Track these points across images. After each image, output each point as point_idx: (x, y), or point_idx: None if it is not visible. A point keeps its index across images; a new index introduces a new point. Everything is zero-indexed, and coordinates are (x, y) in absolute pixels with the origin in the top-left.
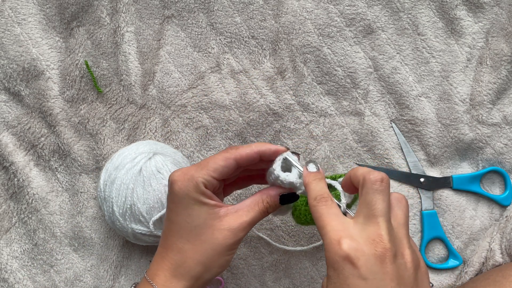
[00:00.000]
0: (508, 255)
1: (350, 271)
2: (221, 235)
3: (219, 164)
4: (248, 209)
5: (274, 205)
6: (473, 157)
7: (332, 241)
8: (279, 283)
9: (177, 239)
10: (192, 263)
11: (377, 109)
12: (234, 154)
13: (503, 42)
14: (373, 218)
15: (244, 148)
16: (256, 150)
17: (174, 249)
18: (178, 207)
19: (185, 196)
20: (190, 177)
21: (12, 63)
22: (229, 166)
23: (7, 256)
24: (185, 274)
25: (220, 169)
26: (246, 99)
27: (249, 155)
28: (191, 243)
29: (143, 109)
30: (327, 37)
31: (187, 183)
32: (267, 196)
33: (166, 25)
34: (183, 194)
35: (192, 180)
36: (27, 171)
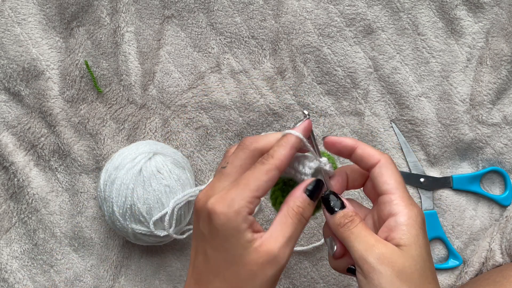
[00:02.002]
0: (508, 255)
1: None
2: (260, 269)
3: (263, 180)
4: (281, 227)
5: (306, 206)
6: (473, 157)
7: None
8: (279, 283)
9: (214, 278)
10: None
11: (377, 109)
12: (274, 164)
13: (503, 42)
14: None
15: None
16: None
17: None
18: (216, 240)
19: (225, 227)
20: (231, 203)
21: (12, 63)
22: (272, 179)
23: (7, 256)
24: None
25: (264, 186)
26: (246, 99)
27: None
28: (228, 282)
29: (143, 109)
30: (327, 37)
31: (228, 212)
32: (293, 201)
33: (166, 25)
34: (224, 225)
35: (233, 207)
36: (27, 171)
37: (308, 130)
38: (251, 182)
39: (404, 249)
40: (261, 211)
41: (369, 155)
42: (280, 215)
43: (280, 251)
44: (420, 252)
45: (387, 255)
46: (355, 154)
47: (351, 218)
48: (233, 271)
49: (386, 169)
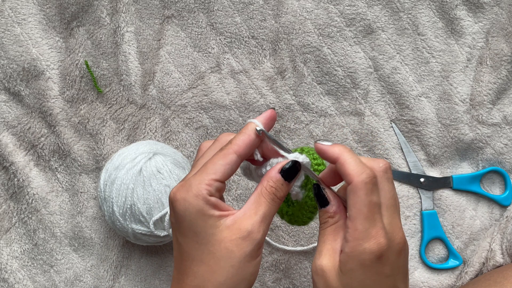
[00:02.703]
0: (509, 255)
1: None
2: (235, 246)
3: (219, 163)
4: (255, 206)
5: (280, 186)
6: (473, 157)
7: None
8: (279, 283)
9: (191, 263)
10: (212, 287)
11: (377, 109)
12: (232, 148)
13: (503, 42)
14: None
15: (239, 136)
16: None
17: (190, 274)
18: (183, 227)
19: (187, 212)
20: (189, 188)
21: (12, 63)
22: (230, 163)
23: (7, 256)
24: None
25: (222, 169)
26: (246, 99)
27: (247, 142)
28: (205, 264)
29: (143, 109)
30: (327, 37)
31: (187, 196)
32: (267, 181)
33: (166, 25)
34: (184, 210)
35: (192, 191)
36: (27, 171)
37: (270, 119)
38: (208, 166)
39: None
40: None
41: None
42: (254, 194)
43: (254, 227)
44: (350, 284)
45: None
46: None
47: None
48: (208, 251)
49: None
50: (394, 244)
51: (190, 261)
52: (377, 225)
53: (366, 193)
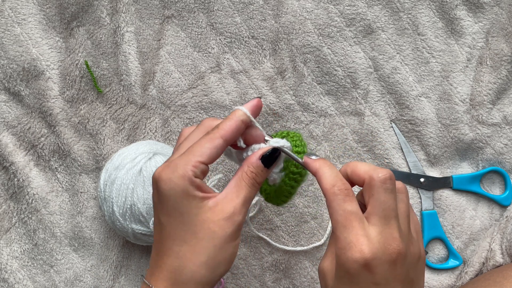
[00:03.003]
0: (509, 255)
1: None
2: (218, 227)
3: (206, 146)
4: (236, 189)
5: (260, 172)
6: (473, 157)
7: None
8: (279, 283)
9: (172, 243)
10: (193, 266)
11: (377, 109)
12: (218, 133)
13: (503, 42)
14: (388, 219)
15: (226, 122)
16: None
17: (171, 255)
18: (166, 207)
19: (172, 191)
20: (174, 169)
21: (12, 63)
22: (217, 146)
23: (7, 256)
24: (188, 280)
25: (208, 152)
26: (246, 99)
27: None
28: (188, 244)
29: (143, 109)
30: (327, 37)
31: (172, 176)
32: (248, 166)
33: (166, 25)
34: (170, 190)
35: (178, 171)
36: (27, 171)
37: (257, 107)
38: (195, 148)
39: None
40: (261, 211)
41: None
42: (234, 178)
43: (236, 210)
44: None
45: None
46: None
47: None
48: (191, 231)
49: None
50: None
51: (171, 241)
52: (356, 234)
53: (339, 203)
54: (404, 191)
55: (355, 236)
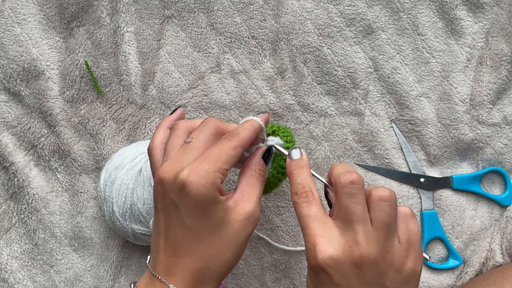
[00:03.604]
0: (509, 255)
1: (324, 278)
2: (242, 227)
3: (231, 155)
4: (250, 187)
5: (264, 169)
6: (473, 157)
7: (311, 246)
8: (279, 283)
9: (198, 245)
10: (216, 267)
11: (377, 109)
12: (240, 141)
13: (503, 42)
14: (350, 223)
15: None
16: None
17: (195, 256)
18: (194, 210)
19: (203, 197)
20: (206, 175)
21: (12, 63)
22: (238, 155)
23: (7, 256)
24: (210, 280)
25: (232, 160)
26: (246, 99)
27: (252, 138)
28: (213, 246)
29: (143, 109)
30: (327, 37)
31: (204, 183)
32: (255, 164)
33: (166, 25)
34: (201, 195)
35: (209, 178)
36: (27, 171)
37: (267, 120)
38: (222, 155)
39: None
40: (261, 211)
41: None
42: (245, 177)
43: (256, 208)
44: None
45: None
46: None
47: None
48: (217, 233)
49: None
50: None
51: (196, 243)
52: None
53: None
54: (388, 200)
55: (312, 237)
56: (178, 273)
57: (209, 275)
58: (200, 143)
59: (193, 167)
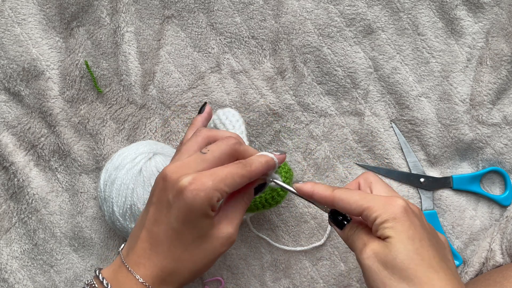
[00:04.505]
0: (509, 255)
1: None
2: (219, 244)
3: (236, 181)
4: (234, 210)
5: (251, 199)
6: (473, 157)
7: (386, 201)
8: (279, 283)
9: (176, 248)
10: (185, 272)
11: (377, 109)
12: (249, 173)
13: (503, 42)
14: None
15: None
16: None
17: (169, 257)
18: (184, 216)
19: (195, 208)
20: (207, 191)
21: (12, 63)
22: (242, 184)
23: (7, 256)
24: (175, 281)
25: (235, 186)
26: (246, 99)
27: (262, 173)
28: (189, 253)
29: (143, 109)
30: (327, 37)
31: (202, 196)
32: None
33: (166, 25)
34: (194, 206)
35: (208, 194)
36: (27, 171)
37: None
38: (228, 178)
39: (388, 241)
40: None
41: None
42: (234, 200)
43: (235, 232)
44: (402, 239)
45: (374, 250)
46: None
47: (355, 229)
48: (197, 243)
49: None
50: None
51: (175, 246)
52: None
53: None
54: None
55: (383, 196)
56: (149, 267)
57: (176, 278)
58: (214, 158)
59: (197, 177)
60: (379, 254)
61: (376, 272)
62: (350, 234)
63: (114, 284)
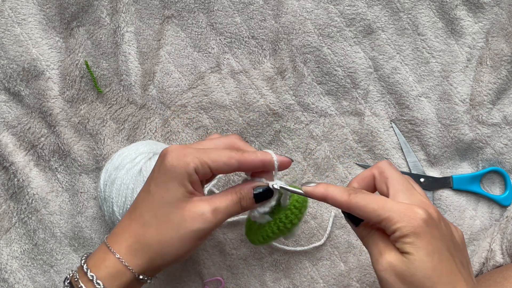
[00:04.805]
0: (509, 255)
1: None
2: (190, 217)
3: (221, 159)
4: (220, 197)
5: (247, 199)
6: (473, 157)
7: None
8: (279, 283)
9: (146, 212)
10: (150, 239)
11: (377, 109)
12: (239, 156)
13: (503, 42)
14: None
15: (250, 154)
16: (262, 158)
17: (139, 221)
18: (160, 178)
19: (171, 170)
20: (185, 155)
21: (12, 63)
22: (229, 166)
23: (7, 256)
24: (141, 250)
25: (220, 164)
26: (246, 99)
27: (253, 163)
28: (157, 219)
29: (143, 109)
30: (327, 37)
31: (179, 159)
32: (241, 187)
33: (166, 25)
34: (170, 167)
35: (185, 159)
36: (27, 171)
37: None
38: (212, 153)
39: (407, 257)
40: None
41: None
42: (227, 190)
43: (210, 212)
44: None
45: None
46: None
47: (369, 229)
48: (166, 211)
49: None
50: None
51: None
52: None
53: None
54: None
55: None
56: (124, 239)
57: (142, 245)
58: (210, 144)
59: (181, 146)
60: (397, 268)
61: (392, 285)
62: (365, 234)
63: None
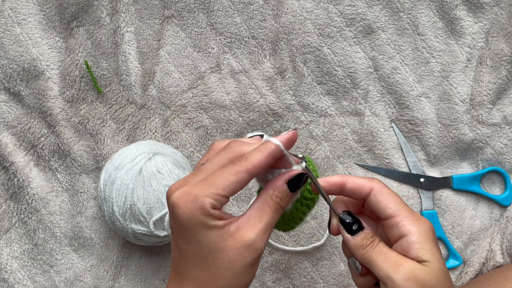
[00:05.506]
0: (509, 255)
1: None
2: (238, 254)
3: (230, 180)
4: (259, 213)
5: (285, 196)
6: (473, 157)
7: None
8: (279, 283)
9: (191, 268)
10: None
11: (377, 109)
12: (245, 166)
13: (503, 42)
14: None
15: (255, 155)
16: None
17: (190, 278)
18: (184, 234)
19: (190, 222)
20: (194, 199)
21: (12, 63)
22: (241, 181)
23: (7, 256)
24: None
25: (231, 186)
26: (246, 99)
27: (262, 163)
28: (206, 271)
29: (143, 109)
30: (327, 37)
31: (191, 207)
32: (273, 189)
33: (166, 25)
34: (188, 220)
35: (197, 202)
36: (27, 171)
37: (291, 141)
38: (218, 180)
39: (426, 264)
40: None
41: (360, 187)
42: (258, 201)
43: (258, 236)
44: (439, 265)
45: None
46: (345, 189)
47: (372, 239)
48: (209, 259)
49: (381, 194)
50: None
51: (190, 266)
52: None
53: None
54: None
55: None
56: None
57: None
58: (213, 166)
59: (185, 190)
60: (419, 278)
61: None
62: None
63: None
